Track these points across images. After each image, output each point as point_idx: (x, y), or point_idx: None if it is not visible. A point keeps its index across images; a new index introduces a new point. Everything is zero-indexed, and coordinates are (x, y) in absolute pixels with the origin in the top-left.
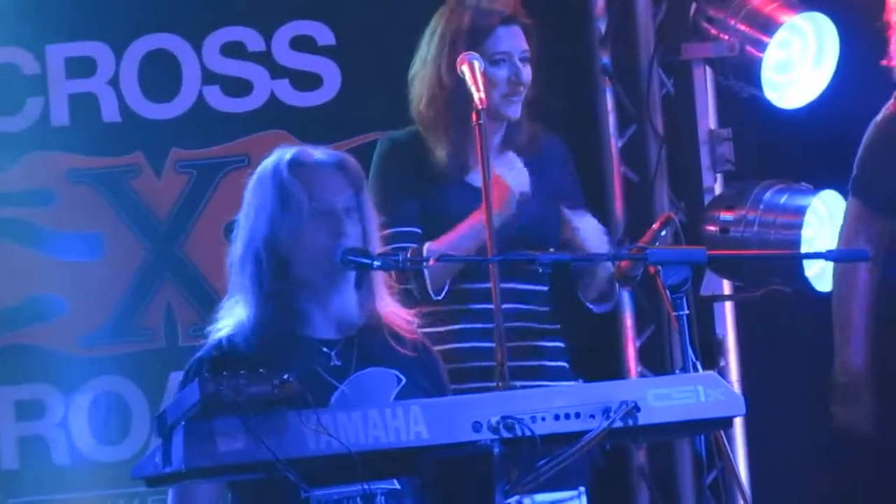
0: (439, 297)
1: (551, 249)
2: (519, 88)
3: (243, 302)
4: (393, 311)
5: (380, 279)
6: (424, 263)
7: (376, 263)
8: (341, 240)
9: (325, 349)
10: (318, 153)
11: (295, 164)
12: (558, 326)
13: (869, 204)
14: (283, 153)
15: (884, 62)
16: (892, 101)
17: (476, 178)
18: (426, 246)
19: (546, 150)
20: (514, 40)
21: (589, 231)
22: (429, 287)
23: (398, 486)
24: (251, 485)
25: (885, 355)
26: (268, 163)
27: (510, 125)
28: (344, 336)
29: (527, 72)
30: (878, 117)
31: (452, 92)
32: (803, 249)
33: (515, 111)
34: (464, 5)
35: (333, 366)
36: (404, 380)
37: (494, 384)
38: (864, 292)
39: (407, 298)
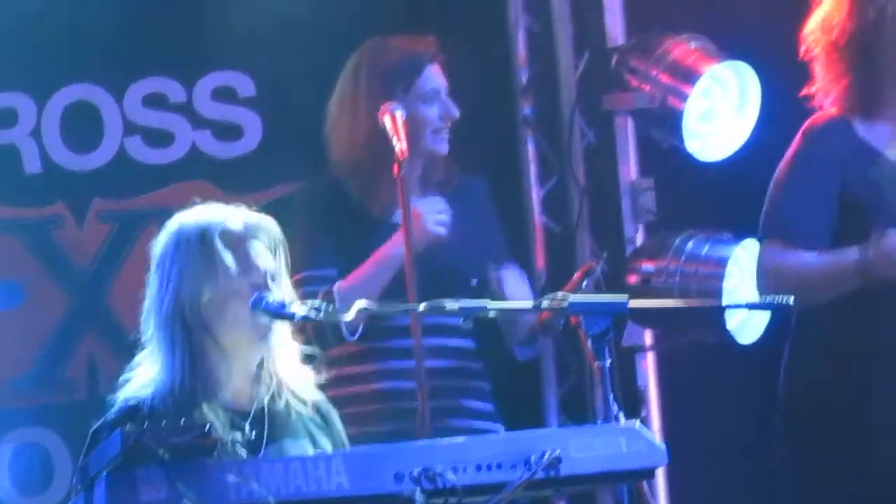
0: (353, 339)
1: (473, 281)
2: (449, 123)
3: (161, 363)
4: (296, 372)
5: (283, 340)
6: (345, 315)
7: (298, 315)
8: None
9: (240, 420)
10: (242, 218)
11: (225, 233)
12: (482, 365)
13: (786, 241)
14: (210, 218)
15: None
16: (797, 137)
17: (399, 217)
18: (336, 285)
19: (465, 188)
20: (439, 77)
21: (511, 283)
22: (343, 330)
23: None
24: None
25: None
26: (189, 223)
27: (427, 162)
28: (256, 405)
29: (451, 115)
30: (786, 156)
31: (374, 136)
32: (725, 300)
33: (444, 146)
34: (386, 48)
35: (247, 438)
36: (314, 450)
37: (414, 426)
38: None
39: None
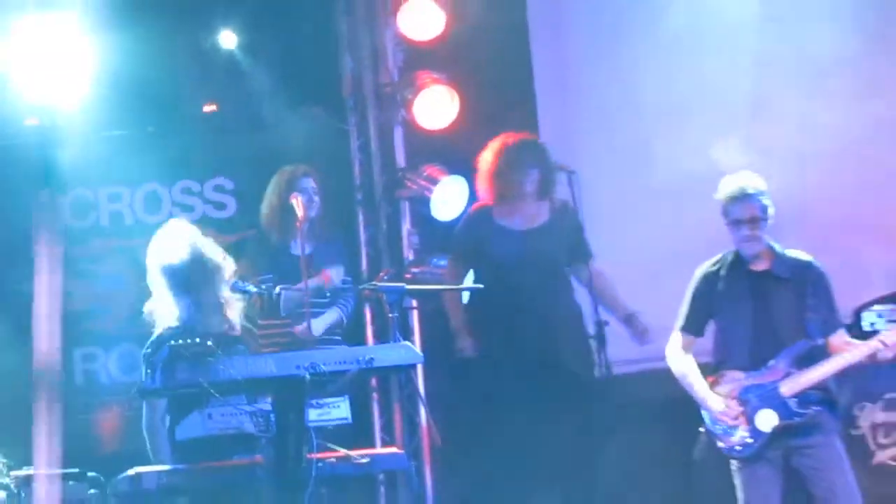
0: (284, 315)
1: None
2: (314, 205)
3: (177, 309)
4: (237, 316)
5: (234, 303)
6: (274, 291)
7: (254, 290)
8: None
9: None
10: (190, 250)
11: (195, 259)
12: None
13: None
14: (178, 244)
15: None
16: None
17: (295, 249)
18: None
19: (330, 238)
20: (311, 182)
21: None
22: (281, 309)
23: None
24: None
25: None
26: (164, 247)
27: (312, 225)
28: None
29: (315, 200)
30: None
31: (280, 209)
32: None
33: (314, 212)
34: (286, 170)
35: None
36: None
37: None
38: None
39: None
